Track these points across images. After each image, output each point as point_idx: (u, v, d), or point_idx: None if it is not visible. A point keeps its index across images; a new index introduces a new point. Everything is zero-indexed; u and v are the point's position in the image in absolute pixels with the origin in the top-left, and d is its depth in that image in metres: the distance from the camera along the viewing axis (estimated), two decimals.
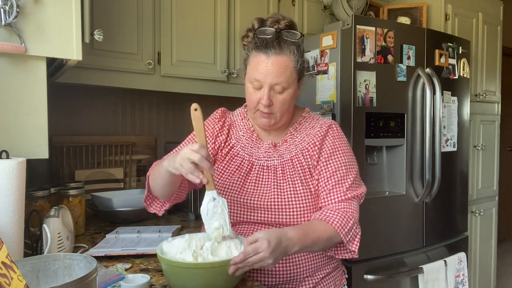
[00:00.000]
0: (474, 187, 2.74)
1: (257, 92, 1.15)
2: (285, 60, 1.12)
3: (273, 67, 1.11)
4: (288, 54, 1.13)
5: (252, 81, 1.15)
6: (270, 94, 1.13)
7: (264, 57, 1.12)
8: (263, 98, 1.13)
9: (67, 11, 1.08)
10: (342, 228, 1.08)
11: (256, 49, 1.14)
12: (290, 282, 1.14)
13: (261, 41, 1.13)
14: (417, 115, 2.08)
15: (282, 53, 1.12)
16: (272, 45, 1.12)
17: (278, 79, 1.12)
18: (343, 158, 1.19)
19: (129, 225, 1.66)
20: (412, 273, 2.02)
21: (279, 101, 1.14)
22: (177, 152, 1.08)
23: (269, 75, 1.11)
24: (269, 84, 1.12)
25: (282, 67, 1.12)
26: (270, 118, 1.17)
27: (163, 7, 1.84)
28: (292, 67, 1.14)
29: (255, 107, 1.17)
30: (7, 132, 1.04)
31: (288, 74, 1.13)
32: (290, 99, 1.16)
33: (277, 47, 1.12)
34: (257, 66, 1.13)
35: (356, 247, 1.12)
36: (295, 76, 1.15)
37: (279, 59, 1.12)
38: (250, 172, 1.20)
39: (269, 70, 1.11)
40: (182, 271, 0.91)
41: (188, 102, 2.29)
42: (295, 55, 1.14)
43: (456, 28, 2.56)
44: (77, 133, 1.99)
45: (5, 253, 0.69)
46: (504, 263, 3.95)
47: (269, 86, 1.12)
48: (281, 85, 1.13)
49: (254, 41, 1.16)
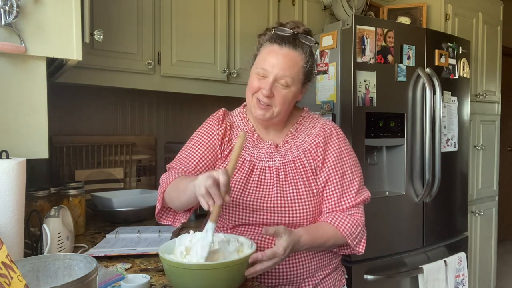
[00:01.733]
0: (474, 187, 2.74)
1: (261, 80, 1.14)
2: (296, 56, 1.14)
3: (283, 59, 1.12)
4: (301, 51, 1.15)
5: (258, 71, 1.15)
6: (272, 86, 1.13)
7: (277, 48, 1.14)
8: (264, 88, 1.12)
9: (67, 11, 1.08)
10: (351, 235, 1.13)
11: (271, 40, 1.15)
12: (291, 283, 1.14)
13: (278, 35, 1.15)
14: (417, 115, 2.08)
15: (295, 49, 1.14)
16: (288, 40, 1.14)
17: (284, 72, 1.12)
18: (349, 161, 1.21)
19: (129, 225, 1.66)
20: (412, 273, 2.02)
21: (280, 95, 1.14)
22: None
23: (277, 65, 1.12)
24: (275, 75, 1.12)
25: (292, 61, 1.13)
26: (266, 111, 1.16)
27: (163, 7, 1.84)
28: (301, 66, 1.15)
29: (254, 93, 1.16)
30: (7, 132, 1.04)
31: (295, 70, 1.14)
32: (291, 98, 1.16)
33: (292, 43, 1.14)
34: (267, 55, 1.14)
35: (362, 248, 1.17)
36: (301, 76, 1.16)
37: (291, 53, 1.13)
38: (252, 173, 1.19)
39: (279, 61, 1.12)
40: (183, 272, 0.91)
41: (188, 102, 2.32)
42: (306, 55, 1.16)
43: (456, 28, 2.56)
44: (77, 133, 1.99)
45: (5, 253, 0.69)
46: (504, 263, 3.95)
47: (274, 78, 1.12)
48: (286, 79, 1.13)
49: (270, 35, 1.17)
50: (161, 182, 1.19)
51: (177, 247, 0.97)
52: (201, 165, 1.22)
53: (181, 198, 1.09)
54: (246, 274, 0.95)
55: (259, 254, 0.96)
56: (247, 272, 0.95)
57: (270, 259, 0.97)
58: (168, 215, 1.22)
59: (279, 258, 0.98)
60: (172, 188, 1.13)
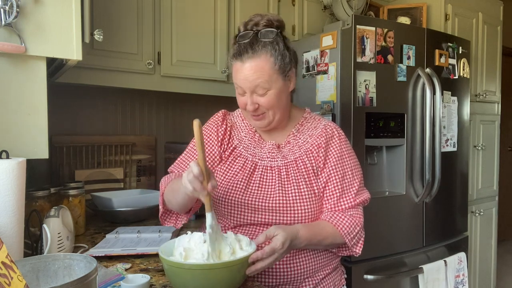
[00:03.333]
0: (474, 187, 2.74)
1: (243, 97, 1.17)
2: (259, 62, 1.12)
3: (248, 72, 1.12)
4: (264, 54, 1.12)
5: (237, 88, 1.17)
6: (253, 99, 1.14)
7: (239, 64, 1.13)
8: (247, 103, 1.15)
9: (67, 11, 1.08)
10: (349, 234, 1.14)
11: (233, 57, 1.15)
12: (291, 283, 1.14)
13: (236, 48, 1.14)
14: (417, 115, 2.08)
15: (255, 56, 1.11)
16: (245, 50, 1.12)
17: (255, 82, 1.12)
18: (350, 162, 1.21)
19: (129, 225, 1.66)
20: (412, 273, 2.02)
21: (265, 101, 1.14)
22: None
23: (246, 80, 1.12)
24: (249, 89, 1.13)
25: (257, 70, 1.11)
26: (263, 119, 1.18)
27: (163, 7, 1.84)
28: (269, 68, 1.12)
29: (245, 110, 1.19)
30: (7, 132, 1.04)
31: (266, 76, 1.12)
32: (276, 98, 1.15)
33: (250, 51, 1.12)
34: (236, 74, 1.15)
35: (359, 249, 1.19)
36: (276, 75, 1.14)
37: (253, 63, 1.11)
38: (253, 173, 1.20)
39: (246, 76, 1.12)
40: (183, 272, 0.91)
41: (188, 102, 2.32)
42: (271, 55, 1.12)
43: (456, 28, 2.56)
44: (77, 133, 1.99)
45: (5, 253, 0.69)
46: (504, 263, 3.95)
47: (250, 91, 1.14)
48: (261, 87, 1.13)
49: (232, 48, 1.17)
50: (160, 186, 1.23)
51: (176, 248, 0.97)
52: None
53: (177, 199, 1.12)
54: (248, 272, 0.95)
55: (259, 252, 0.96)
56: (248, 270, 0.95)
57: (270, 256, 0.97)
58: (170, 218, 1.26)
59: (279, 253, 0.98)
60: (168, 191, 1.17)
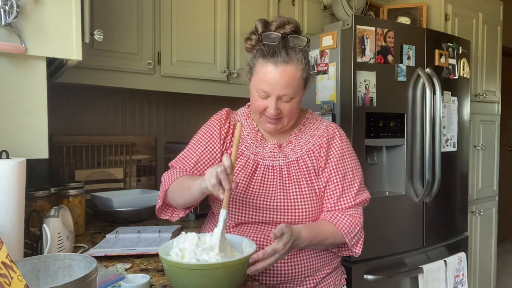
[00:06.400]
0: (474, 187, 2.74)
1: (264, 100, 1.14)
2: (293, 70, 1.10)
3: (281, 77, 1.09)
4: (296, 63, 1.10)
5: (259, 91, 1.13)
6: (277, 104, 1.12)
7: (271, 67, 1.09)
8: (270, 108, 1.12)
9: (67, 11, 1.08)
10: (349, 234, 1.14)
11: (263, 57, 1.11)
12: (291, 282, 1.14)
13: (268, 49, 1.10)
14: (417, 115, 2.08)
15: (290, 62, 1.09)
16: (279, 53, 1.09)
17: (286, 90, 1.10)
18: (351, 162, 1.22)
19: (129, 225, 1.66)
20: (412, 273, 2.02)
21: (286, 109, 1.14)
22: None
23: (277, 86, 1.10)
24: (276, 95, 1.11)
25: (290, 77, 1.09)
26: (278, 124, 1.17)
27: (163, 7, 1.84)
28: (299, 76, 1.11)
29: (261, 113, 1.16)
30: (7, 132, 1.04)
31: (295, 84, 1.11)
32: (297, 106, 1.17)
33: (284, 56, 1.09)
34: (264, 76, 1.10)
35: (359, 249, 1.18)
36: (302, 84, 1.14)
37: (287, 69, 1.09)
38: (255, 172, 1.20)
39: (278, 81, 1.09)
40: (183, 272, 0.91)
41: (188, 102, 2.32)
42: (302, 63, 1.12)
43: (456, 28, 2.56)
44: (77, 133, 1.99)
45: (5, 253, 0.69)
46: (504, 263, 3.95)
47: (276, 97, 1.11)
48: (288, 95, 1.12)
49: (260, 48, 1.13)
50: (163, 180, 1.22)
51: (174, 248, 0.97)
52: (200, 164, 1.23)
53: (185, 196, 1.12)
54: (248, 272, 0.95)
55: (260, 253, 0.96)
56: (248, 270, 0.95)
57: (271, 256, 0.97)
58: (167, 211, 1.26)
59: (280, 253, 0.98)
60: (175, 188, 1.16)
